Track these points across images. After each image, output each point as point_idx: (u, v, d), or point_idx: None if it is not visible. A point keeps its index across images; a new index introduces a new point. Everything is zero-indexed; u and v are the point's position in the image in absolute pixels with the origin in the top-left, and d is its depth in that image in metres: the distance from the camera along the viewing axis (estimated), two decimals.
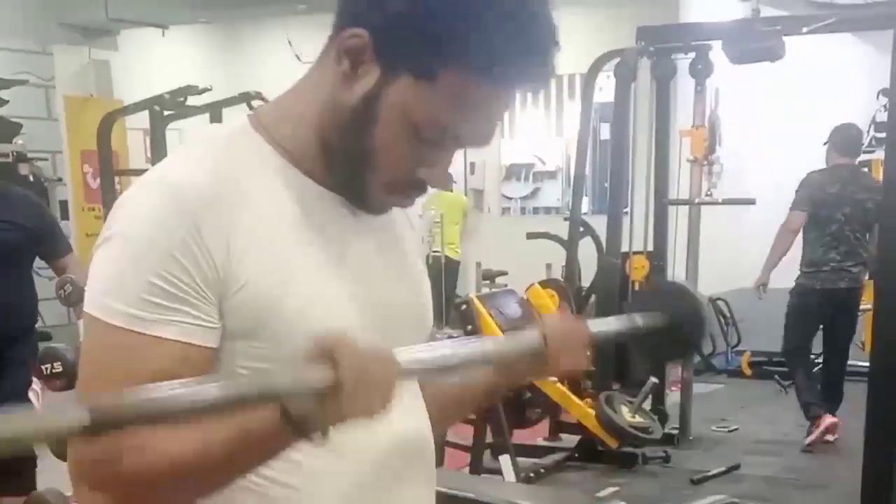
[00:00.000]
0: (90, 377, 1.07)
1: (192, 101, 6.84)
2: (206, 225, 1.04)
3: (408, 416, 1.21)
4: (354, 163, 1.13)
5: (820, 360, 6.36)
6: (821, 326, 5.87)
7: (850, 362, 6.96)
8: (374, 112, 1.10)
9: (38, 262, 7.25)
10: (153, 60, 9.74)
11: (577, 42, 9.56)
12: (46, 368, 3.80)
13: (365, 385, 0.92)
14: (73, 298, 4.53)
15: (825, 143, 5.84)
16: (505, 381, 1.37)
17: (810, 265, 5.69)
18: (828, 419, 5.54)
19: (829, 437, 5.52)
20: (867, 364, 4.18)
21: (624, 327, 1.39)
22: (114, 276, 1.05)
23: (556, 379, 5.01)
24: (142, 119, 7.14)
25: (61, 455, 3.15)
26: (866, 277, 5.65)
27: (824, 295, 5.66)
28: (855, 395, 4.76)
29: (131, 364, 1.03)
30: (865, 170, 6.40)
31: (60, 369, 3.72)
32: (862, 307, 6.40)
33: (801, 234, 5.75)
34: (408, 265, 1.28)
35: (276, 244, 1.08)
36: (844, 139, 5.80)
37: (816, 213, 5.63)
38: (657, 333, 1.40)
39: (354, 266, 1.16)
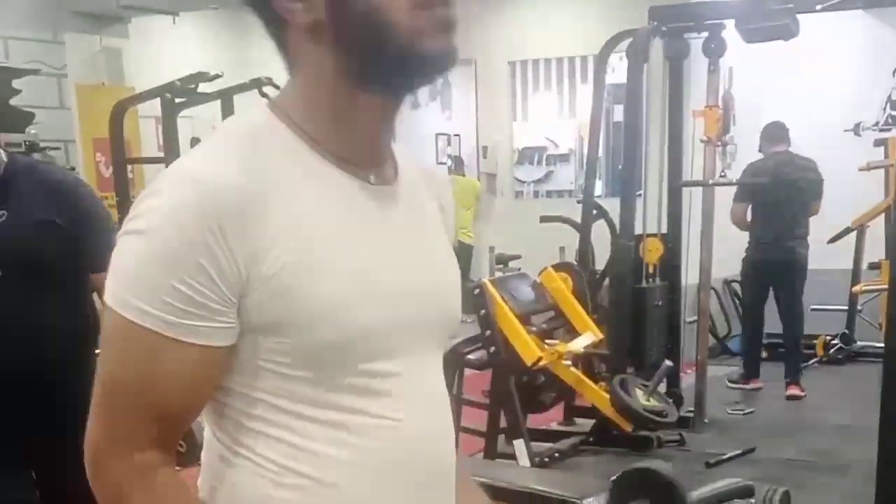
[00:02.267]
0: (109, 369, 1.09)
1: (204, 87, 6.83)
2: (230, 224, 1.03)
3: (436, 438, 1.22)
4: (368, 28, 1.08)
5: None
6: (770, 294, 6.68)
7: (865, 343, 6.99)
8: None
9: None
10: (164, 48, 9.74)
11: (588, 23, 9.52)
12: None
13: None
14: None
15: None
16: None
17: (753, 241, 6.53)
18: (755, 384, 6.58)
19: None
20: (883, 345, 4.15)
21: None
22: (137, 274, 1.05)
23: (570, 363, 5.00)
24: (153, 107, 7.13)
25: None
26: (805, 249, 6.50)
27: (765, 265, 6.48)
28: (872, 377, 4.72)
29: (149, 363, 1.06)
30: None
31: None
32: (878, 287, 6.41)
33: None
34: (435, 248, 1.26)
35: (300, 238, 1.07)
36: (773, 129, 6.57)
37: (755, 199, 6.43)
38: None
39: (379, 252, 1.15)
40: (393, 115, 1.16)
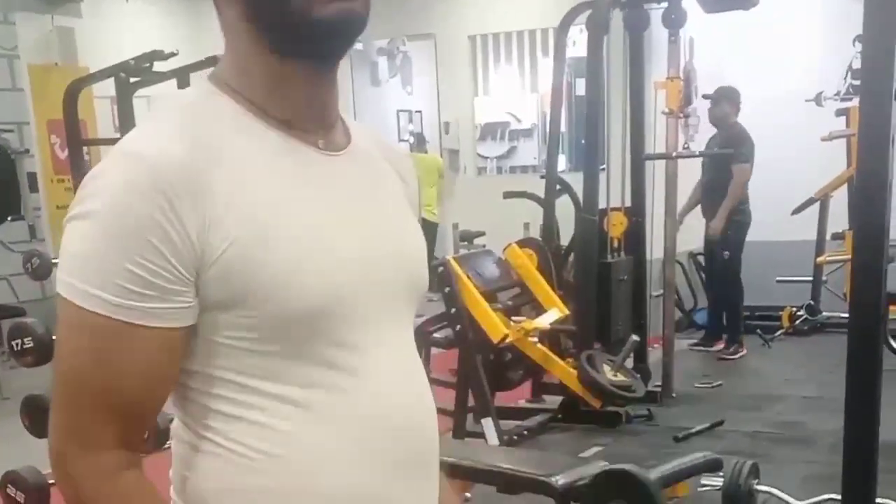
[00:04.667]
0: (67, 363, 1.05)
1: (159, 66, 6.67)
2: (179, 198, 1.00)
3: (413, 412, 1.17)
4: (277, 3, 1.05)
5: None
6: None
7: (831, 313, 7.05)
8: None
9: (9, 236, 7.14)
10: (118, 26, 9.54)
11: None
12: (17, 344, 3.71)
13: None
14: (40, 272, 4.43)
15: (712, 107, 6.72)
16: None
17: (742, 204, 6.63)
18: (742, 351, 6.80)
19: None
20: (848, 315, 4.15)
21: None
22: (87, 258, 1.01)
23: (537, 339, 4.97)
24: (108, 86, 6.98)
25: (37, 433, 3.06)
26: None
27: (747, 227, 6.73)
28: (837, 348, 4.74)
29: (109, 352, 1.02)
30: None
31: (31, 344, 3.64)
32: (842, 257, 6.47)
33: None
34: (395, 214, 1.22)
35: (252, 205, 1.04)
36: (736, 101, 6.70)
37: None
38: None
39: (333, 218, 1.11)
40: (325, 80, 1.13)
